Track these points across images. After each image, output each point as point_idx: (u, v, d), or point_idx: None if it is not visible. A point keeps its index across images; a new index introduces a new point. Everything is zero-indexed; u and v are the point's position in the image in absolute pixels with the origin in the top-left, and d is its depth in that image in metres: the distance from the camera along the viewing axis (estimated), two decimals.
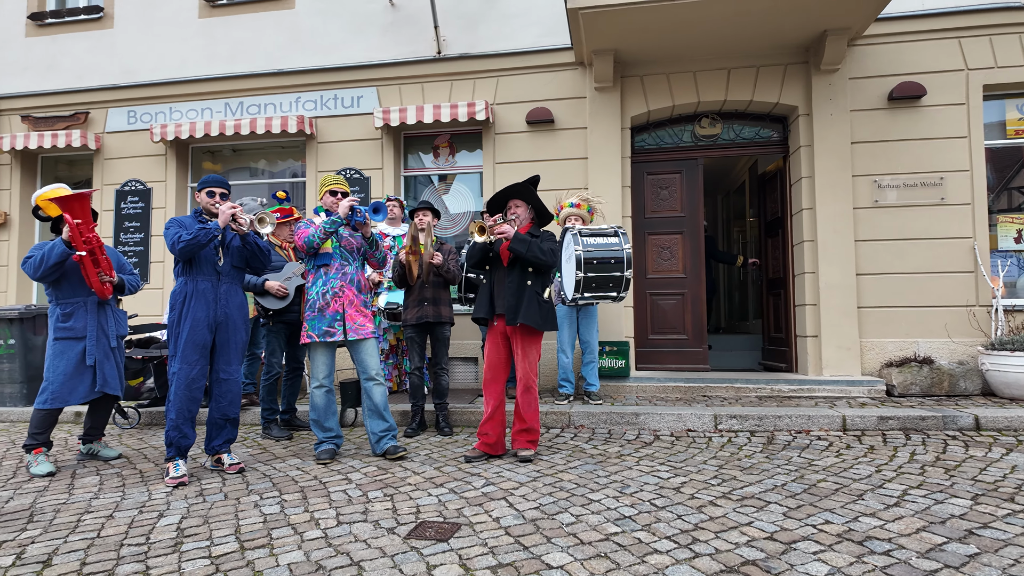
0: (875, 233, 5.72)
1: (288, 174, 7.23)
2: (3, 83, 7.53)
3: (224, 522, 2.81)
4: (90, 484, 3.53)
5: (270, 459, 4.00)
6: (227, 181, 3.77)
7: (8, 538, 2.68)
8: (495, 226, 3.72)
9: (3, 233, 7.44)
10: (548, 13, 6.38)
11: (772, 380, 5.55)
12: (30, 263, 3.73)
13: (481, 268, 3.98)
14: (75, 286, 3.89)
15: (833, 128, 5.76)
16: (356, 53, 6.77)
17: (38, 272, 3.72)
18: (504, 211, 3.98)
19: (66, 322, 3.85)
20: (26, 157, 7.56)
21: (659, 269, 6.33)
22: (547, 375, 6.12)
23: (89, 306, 3.92)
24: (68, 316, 3.86)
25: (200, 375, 3.59)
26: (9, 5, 7.62)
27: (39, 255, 3.72)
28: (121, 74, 7.28)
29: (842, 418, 4.45)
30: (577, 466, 3.63)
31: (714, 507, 2.85)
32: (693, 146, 6.37)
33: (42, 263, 3.70)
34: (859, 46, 5.83)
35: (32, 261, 3.73)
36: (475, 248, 3.84)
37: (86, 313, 3.90)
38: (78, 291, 3.90)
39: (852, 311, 5.64)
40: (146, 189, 7.18)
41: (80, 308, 3.90)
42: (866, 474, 3.34)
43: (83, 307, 3.91)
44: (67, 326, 3.85)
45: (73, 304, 3.89)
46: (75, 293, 3.89)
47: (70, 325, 3.86)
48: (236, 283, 3.79)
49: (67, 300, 3.89)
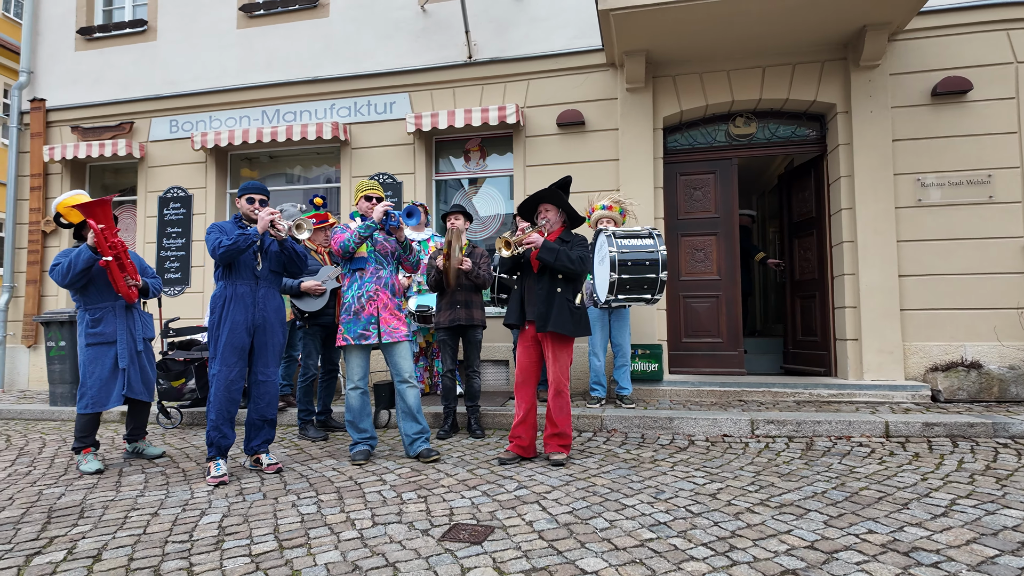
0: (918, 233, 5.54)
1: (323, 180, 7.37)
2: (54, 95, 7.86)
3: (263, 521, 2.87)
4: (136, 482, 3.64)
5: (307, 459, 4.08)
6: (266, 188, 3.86)
7: (60, 533, 2.79)
8: (523, 237, 3.73)
9: (53, 239, 7.75)
10: (578, 15, 6.37)
11: (811, 384, 5.42)
12: (57, 270, 3.80)
13: (512, 274, 3.99)
14: (102, 291, 3.96)
15: (873, 126, 5.60)
16: (388, 59, 6.87)
17: (66, 279, 3.79)
18: (535, 216, 3.98)
19: (96, 327, 3.93)
20: (75, 166, 7.88)
21: (692, 271, 6.24)
22: (579, 378, 6.09)
23: (117, 310, 4.00)
24: (97, 321, 3.94)
25: (239, 377, 3.68)
26: (60, 21, 7.95)
27: (66, 262, 3.80)
28: (164, 84, 7.53)
29: (885, 424, 4.32)
30: (610, 470, 3.61)
31: (751, 514, 2.79)
32: (727, 146, 6.27)
33: (69, 269, 3.77)
34: (900, 41, 5.66)
35: (59, 268, 3.80)
36: (509, 259, 3.86)
37: (115, 317, 3.98)
38: (105, 296, 3.97)
39: (894, 313, 5.47)
40: (187, 195, 7.40)
41: (108, 312, 3.98)
42: (911, 482, 3.23)
43: (111, 311, 3.98)
44: (97, 331, 3.93)
45: (101, 309, 3.97)
46: (102, 298, 3.97)
47: (100, 330, 3.93)
48: (274, 287, 3.87)
49: (95, 305, 3.96)
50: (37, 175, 7.73)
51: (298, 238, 3.76)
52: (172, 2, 7.61)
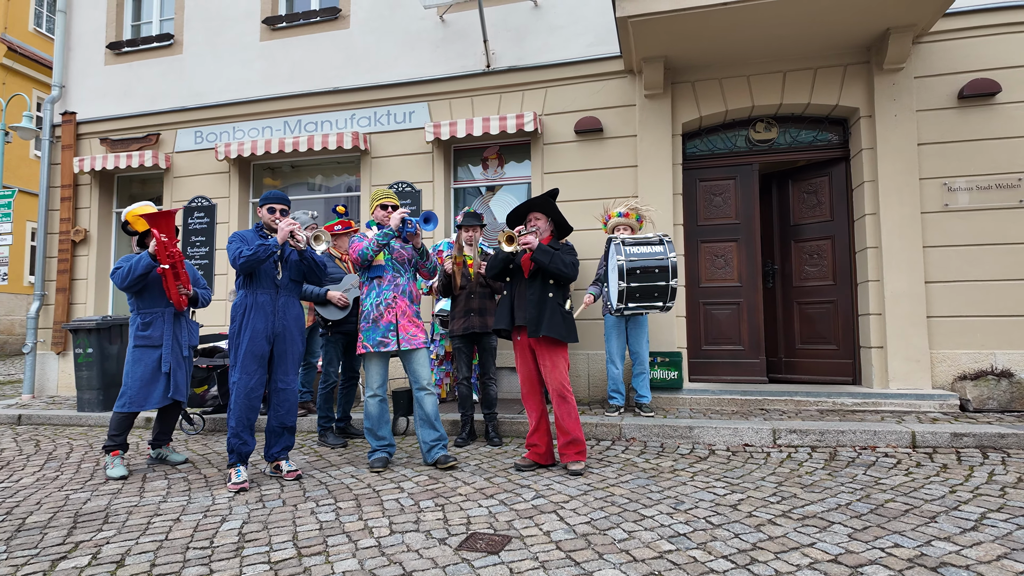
0: (945, 239, 5.42)
1: (343, 188, 7.45)
2: (85, 109, 8.08)
3: (282, 528, 2.90)
4: (159, 488, 3.70)
5: (326, 466, 4.11)
6: (287, 197, 3.92)
7: (86, 538, 2.84)
8: (521, 236, 3.74)
9: (83, 248, 7.95)
10: (596, 23, 6.37)
11: (834, 393, 5.32)
12: (118, 273, 4.01)
13: (502, 279, 3.99)
14: (155, 297, 4.14)
15: (898, 129, 5.50)
16: (408, 69, 6.93)
17: (125, 282, 3.98)
18: (524, 224, 4.01)
19: (145, 331, 4.11)
20: (104, 177, 8.07)
21: (713, 278, 6.18)
22: (597, 386, 6.06)
23: (167, 316, 4.17)
24: (147, 325, 4.12)
25: (259, 385, 3.73)
26: (90, 37, 8.18)
27: (127, 266, 3.99)
28: (189, 97, 7.69)
29: (911, 434, 4.22)
30: (629, 480, 3.57)
31: (773, 526, 2.74)
32: (748, 151, 6.20)
33: (129, 274, 3.96)
34: (925, 43, 5.56)
35: (120, 272, 4.00)
36: (496, 259, 3.86)
37: (163, 323, 4.15)
38: (157, 302, 4.15)
39: (921, 321, 5.35)
40: (211, 205, 7.53)
41: (158, 318, 4.14)
42: (939, 495, 3.15)
43: (161, 317, 4.15)
44: (146, 334, 4.10)
45: (152, 314, 4.14)
46: (155, 304, 4.15)
47: (148, 334, 4.10)
48: (294, 296, 3.93)
49: (147, 310, 4.14)
50: (67, 186, 7.94)
51: (316, 250, 3.81)
52: (198, 16, 7.79)
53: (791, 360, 6.21)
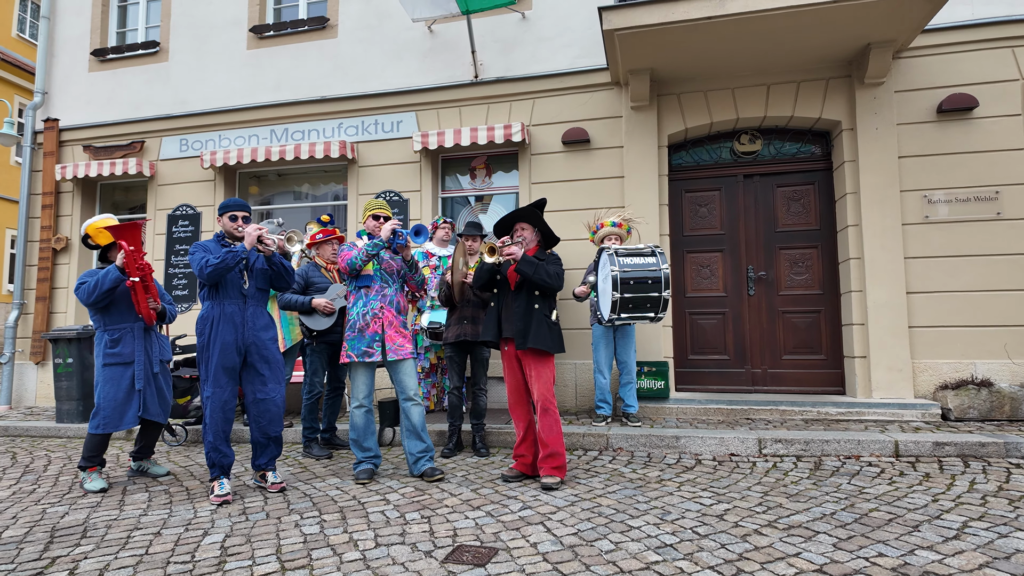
0: (926, 250, 5.51)
1: (331, 197, 7.42)
2: (68, 115, 7.99)
3: (266, 541, 2.86)
4: (139, 501, 3.64)
5: (310, 478, 4.06)
6: (248, 204, 3.83)
7: (63, 553, 2.78)
8: (504, 247, 3.74)
9: (64, 257, 7.83)
10: (583, 35, 6.43)
11: (819, 403, 5.36)
12: (84, 288, 3.83)
13: (488, 290, 3.98)
14: (123, 312, 3.98)
15: (879, 143, 5.60)
16: (396, 79, 6.94)
17: (92, 297, 3.81)
18: (511, 234, 4.01)
19: (114, 348, 3.94)
20: (86, 185, 7.97)
21: (699, 288, 6.22)
22: (584, 396, 6.06)
23: (136, 332, 4.01)
24: (116, 342, 3.95)
25: (232, 397, 3.67)
26: (74, 43, 8.10)
27: (93, 281, 3.82)
28: (174, 104, 7.64)
29: (894, 443, 4.26)
30: (616, 491, 3.57)
31: (759, 536, 2.75)
32: (732, 163, 6.28)
33: (96, 288, 3.80)
34: (905, 58, 5.68)
35: (86, 287, 3.83)
36: (482, 269, 3.85)
37: (134, 339, 3.99)
38: (126, 317, 3.99)
39: (903, 331, 5.42)
40: (196, 213, 7.46)
41: (128, 334, 3.99)
42: (922, 504, 3.18)
43: (130, 332, 3.99)
44: (116, 351, 3.93)
45: (121, 330, 3.98)
46: (123, 319, 3.99)
47: (118, 351, 3.94)
48: (262, 305, 3.85)
49: (115, 326, 3.97)
50: (49, 193, 7.83)
51: (291, 251, 3.75)
52: (184, 24, 7.75)
53: (776, 371, 6.23)
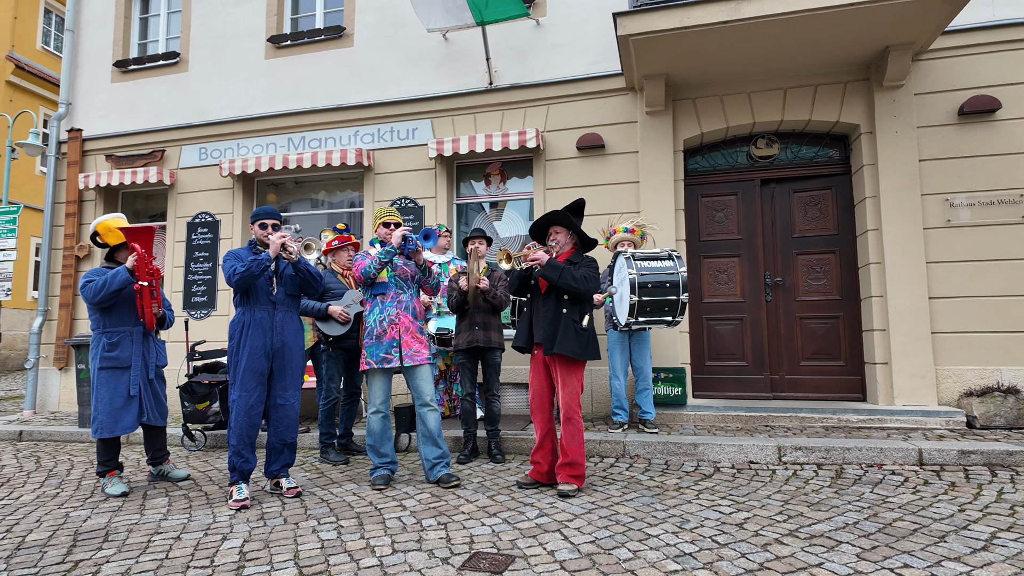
0: (948, 254, 5.42)
1: (347, 204, 7.49)
2: (91, 126, 8.15)
3: (284, 547, 2.87)
4: (160, 505, 3.67)
5: (327, 483, 4.08)
6: (278, 212, 3.89)
7: (85, 557, 2.81)
8: (528, 254, 3.72)
9: (86, 264, 7.97)
10: (598, 41, 6.43)
11: (839, 410, 5.28)
12: (91, 287, 3.84)
13: (521, 295, 3.97)
14: (124, 315, 3.99)
15: (899, 146, 5.52)
16: (411, 87, 7.00)
17: (98, 296, 3.82)
18: (545, 237, 3.97)
19: (112, 351, 3.95)
20: (108, 193, 8.12)
21: (716, 293, 6.17)
22: (601, 402, 6.03)
23: (135, 336, 4.02)
24: (114, 345, 3.95)
25: (258, 402, 3.71)
26: (97, 55, 8.27)
27: (101, 280, 3.83)
28: (194, 114, 7.76)
29: (918, 451, 4.18)
30: (633, 498, 3.54)
31: (780, 545, 2.71)
32: (749, 167, 6.23)
33: (104, 288, 3.81)
34: (924, 60, 5.61)
35: (93, 286, 3.83)
36: (513, 275, 3.84)
37: (131, 343, 4.00)
38: (126, 320, 3.99)
39: (925, 337, 5.33)
40: (215, 221, 7.56)
41: (126, 337, 4.00)
42: (948, 513, 3.11)
43: (129, 336, 4.00)
44: (113, 355, 3.94)
45: (120, 333, 3.99)
46: (123, 322, 3.99)
47: (116, 355, 3.95)
48: (291, 311, 3.91)
49: (114, 329, 3.98)
50: (72, 202, 7.98)
51: (308, 258, 3.81)
52: (204, 35, 7.88)
53: (795, 377, 6.13)
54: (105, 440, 3.97)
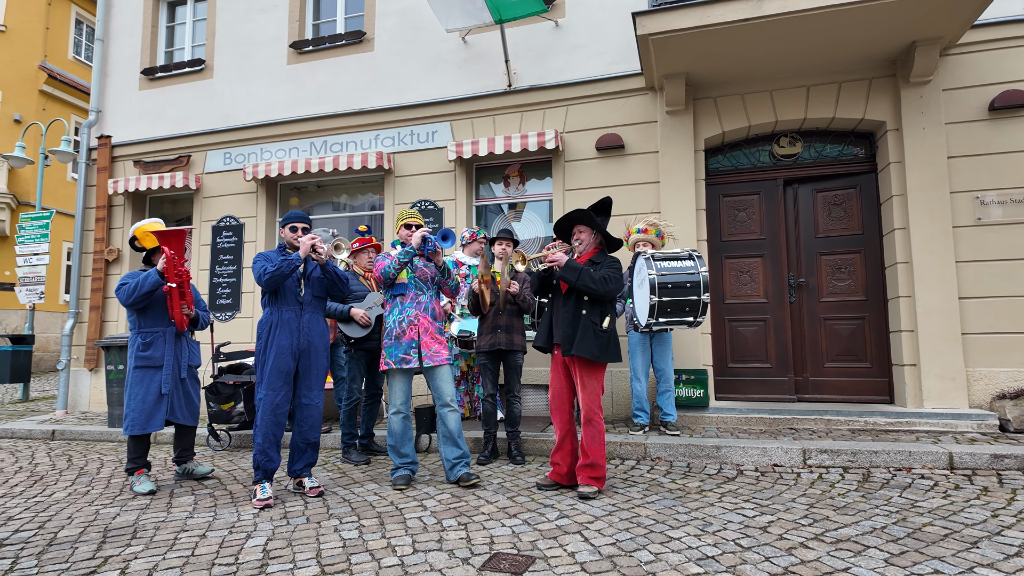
0: (979, 253, 5.28)
1: (368, 207, 7.56)
2: (120, 132, 8.35)
3: (306, 545, 2.90)
4: (186, 503, 3.74)
5: (349, 483, 4.11)
6: (308, 216, 3.98)
7: (115, 553, 2.87)
8: (547, 254, 3.71)
9: (115, 268, 8.16)
10: (617, 41, 6.41)
11: (866, 412, 5.18)
12: (124, 289, 3.99)
13: (544, 295, 3.95)
14: (157, 316, 4.12)
15: (926, 143, 5.41)
16: (431, 90, 7.04)
17: (131, 298, 3.96)
18: (570, 237, 3.94)
19: (145, 351, 4.07)
20: (136, 198, 8.30)
21: (738, 294, 6.10)
22: (622, 404, 5.99)
23: (167, 336, 4.15)
24: (148, 345, 4.09)
25: (284, 401, 3.77)
26: (126, 64, 8.47)
27: (133, 283, 3.98)
28: (219, 119, 7.90)
29: (948, 455, 4.08)
30: (655, 501, 3.51)
31: (805, 549, 2.66)
32: (772, 166, 6.15)
33: (135, 290, 3.95)
34: (953, 55, 5.48)
35: (126, 288, 3.98)
36: (534, 276, 3.84)
37: (164, 343, 4.13)
38: (159, 321, 4.13)
39: (955, 338, 5.20)
40: (239, 224, 7.69)
41: (159, 338, 4.12)
42: (980, 519, 3.03)
43: (162, 337, 4.13)
44: (146, 355, 4.07)
45: (153, 334, 4.12)
46: (156, 323, 4.13)
47: (149, 354, 4.07)
48: (318, 312, 3.97)
49: (148, 329, 4.12)
50: (102, 207, 8.18)
51: (337, 258, 3.88)
52: (228, 42, 8.02)
53: (819, 379, 6.03)
54: (135, 437, 4.07)
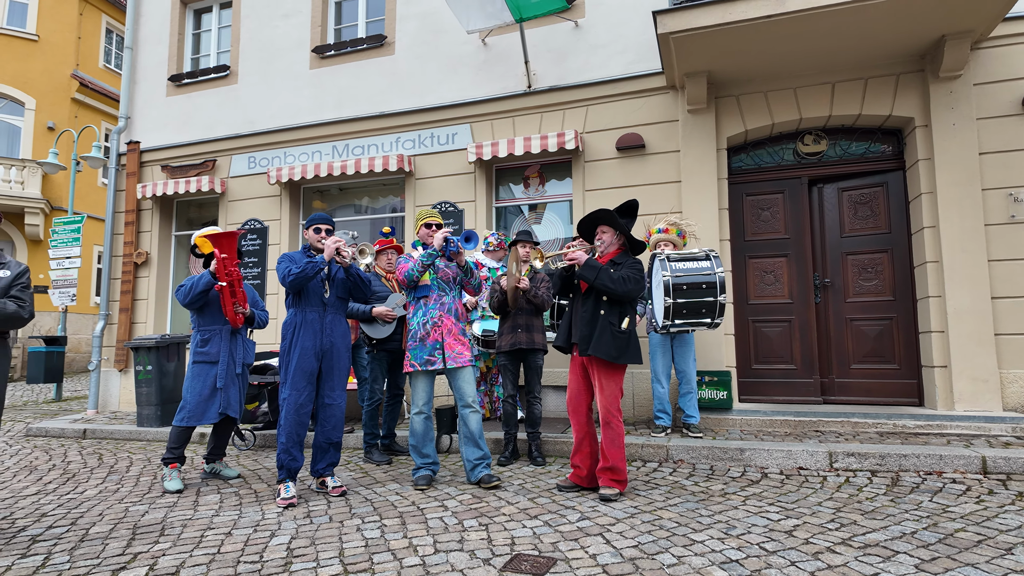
0: (1012, 252, 5.14)
1: (389, 209, 7.62)
2: (148, 138, 8.53)
3: (329, 544, 2.93)
4: (212, 502, 3.80)
5: (371, 483, 4.15)
6: (332, 218, 4.04)
7: (143, 550, 2.94)
8: (567, 253, 3.69)
9: (144, 270, 8.34)
10: (637, 40, 6.37)
11: (895, 415, 5.07)
12: (181, 290, 4.24)
13: (564, 295, 3.93)
14: (214, 315, 4.34)
15: (956, 139, 5.27)
16: (451, 92, 7.07)
17: (187, 298, 4.20)
18: (593, 237, 3.92)
19: (203, 347, 4.30)
20: (164, 202, 8.48)
21: (762, 294, 6.01)
22: (642, 406, 5.94)
23: (224, 334, 4.35)
24: (206, 342, 4.31)
25: (308, 401, 3.82)
26: (154, 71, 8.66)
27: (189, 284, 4.22)
28: (244, 124, 8.04)
29: (981, 459, 3.97)
30: (677, 503, 3.48)
31: (832, 554, 2.61)
32: (796, 164, 6.05)
33: (191, 291, 4.19)
34: (984, 49, 5.34)
35: (183, 289, 4.23)
36: (555, 276, 3.83)
37: (220, 340, 4.33)
38: (216, 319, 4.34)
39: (988, 339, 5.06)
40: (263, 227, 7.81)
41: (216, 335, 4.33)
42: (1015, 525, 2.95)
43: (219, 334, 4.34)
44: (204, 351, 4.29)
45: (211, 331, 4.34)
46: (214, 321, 4.34)
47: (206, 350, 4.30)
48: (340, 313, 4.03)
49: (206, 327, 4.34)
50: (131, 211, 8.37)
51: (361, 262, 3.93)
52: (252, 48, 8.16)
53: (845, 381, 5.91)
54: (180, 429, 4.24)
